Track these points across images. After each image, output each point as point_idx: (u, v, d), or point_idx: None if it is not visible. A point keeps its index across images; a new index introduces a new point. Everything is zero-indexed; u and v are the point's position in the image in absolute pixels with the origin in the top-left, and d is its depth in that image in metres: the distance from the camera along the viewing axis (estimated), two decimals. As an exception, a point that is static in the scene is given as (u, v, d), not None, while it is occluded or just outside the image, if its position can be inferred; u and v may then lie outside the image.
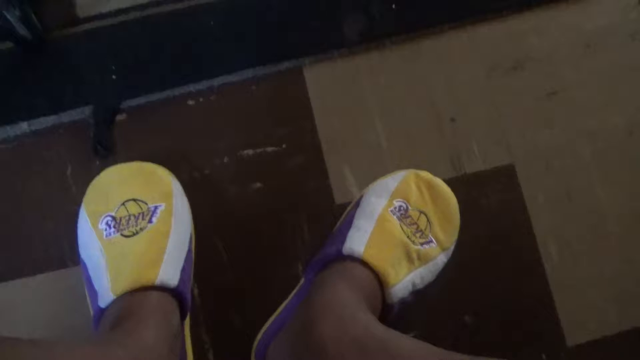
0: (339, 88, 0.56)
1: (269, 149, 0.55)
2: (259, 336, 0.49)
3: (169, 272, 0.43)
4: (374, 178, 0.52)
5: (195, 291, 0.52)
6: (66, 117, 0.54)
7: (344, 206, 0.53)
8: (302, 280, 0.51)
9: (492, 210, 0.54)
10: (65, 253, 0.51)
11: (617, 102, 0.56)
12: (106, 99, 0.55)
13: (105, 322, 0.41)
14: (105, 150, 0.53)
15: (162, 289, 0.42)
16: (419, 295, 0.49)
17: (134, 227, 0.45)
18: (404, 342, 0.36)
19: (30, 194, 0.52)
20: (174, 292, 0.43)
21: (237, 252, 0.53)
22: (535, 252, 0.54)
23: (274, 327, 0.49)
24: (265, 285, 0.52)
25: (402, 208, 0.48)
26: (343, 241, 0.46)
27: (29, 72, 0.54)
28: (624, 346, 0.52)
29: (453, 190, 0.50)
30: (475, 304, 0.53)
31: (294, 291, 0.50)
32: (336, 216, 0.52)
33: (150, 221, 0.45)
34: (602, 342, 0.52)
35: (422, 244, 0.47)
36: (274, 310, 0.50)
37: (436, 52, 0.56)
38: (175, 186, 0.49)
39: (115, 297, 0.41)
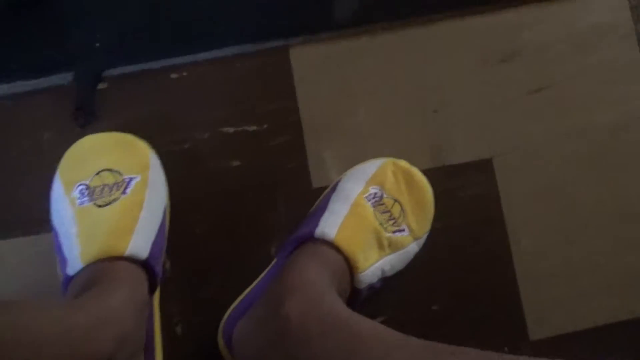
0: (324, 71, 0.55)
1: (250, 127, 0.54)
2: (228, 312, 0.49)
3: (140, 244, 0.43)
4: (353, 163, 0.53)
5: (167, 264, 0.52)
6: (47, 81, 0.53)
7: (321, 190, 0.53)
8: (274, 260, 0.51)
9: (467, 203, 0.54)
10: (37, 219, 0.51)
11: (601, 103, 0.56)
12: (89, 66, 0.54)
13: (72, 290, 0.41)
14: (85, 118, 0.53)
15: (132, 260, 0.43)
16: (388, 282, 0.49)
17: (107, 197, 0.45)
18: (366, 324, 0.37)
19: (6, 158, 0.52)
20: (144, 265, 0.44)
21: (211, 229, 0.53)
22: (505, 246, 0.54)
23: (243, 304, 0.49)
24: (238, 263, 0.52)
25: (377, 195, 0.49)
26: (317, 224, 0.46)
27: (10, 34, 0.54)
28: (585, 343, 0.54)
29: (430, 180, 0.51)
30: (444, 294, 0.53)
31: (266, 270, 0.51)
32: (313, 199, 0.53)
33: (124, 192, 0.46)
34: (564, 338, 0.53)
35: (394, 232, 0.48)
36: (245, 288, 0.50)
37: (426, 41, 0.56)
38: (152, 159, 0.49)
39: (83, 265, 0.41)
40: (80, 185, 0.46)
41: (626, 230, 0.55)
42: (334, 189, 0.51)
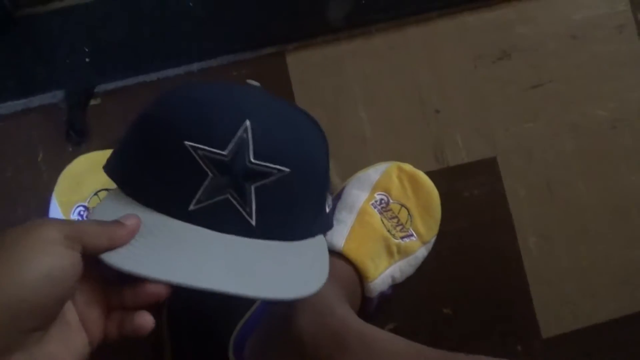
0: (322, 75, 0.54)
1: (250, 137, 0.53)
2: (237, 328, 0.48)
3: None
4: (357, 168, 0.52)
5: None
6: (37, 100, 0.52)
7: (325, 197, 0.52)
8: (281, 272, 0.50)
9: (473, 203, 0.54)
10: (37, 242, 0.50)
11: (601, 96, 0.56)
12: (80, 83, 0.52)
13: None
14: (78, 135, 0.51)
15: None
16: (398, 288, 0.49)
17: (107, 217, 0.44)
18: (380, 335, 0.37)
19: (1, 178, 0.51)
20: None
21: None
22: (514, 245, 0.54)
23: (252, 319, 0.48)
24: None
25: (383, 201, 0.48)
26: (323, 234, 0.45)
27: (-3, 53, 0.52)
28: (595, 339, 0.53)
29: (435, 182, 0.50)
30: (454, 296, 0.53)
31: (273, 282, 0.50)
32: (317, 207, 0.52)
33: (124, 212, 0.44)
34: (575, 335, 0.53)
35: (402, 238, 0.47)
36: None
37: (423, 40, 0.55)
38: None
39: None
40: (79, 206, 0.45)
41: (632, 224, 0.55)
42: (339, 196, 0.50)
